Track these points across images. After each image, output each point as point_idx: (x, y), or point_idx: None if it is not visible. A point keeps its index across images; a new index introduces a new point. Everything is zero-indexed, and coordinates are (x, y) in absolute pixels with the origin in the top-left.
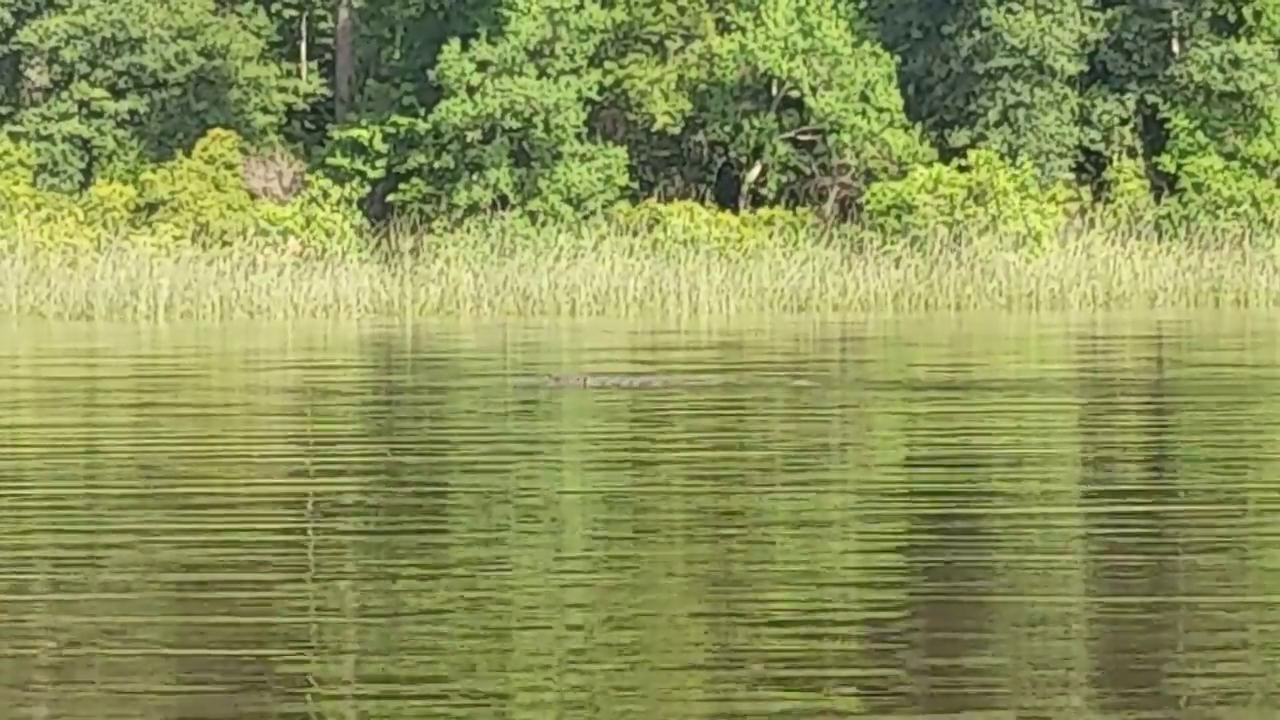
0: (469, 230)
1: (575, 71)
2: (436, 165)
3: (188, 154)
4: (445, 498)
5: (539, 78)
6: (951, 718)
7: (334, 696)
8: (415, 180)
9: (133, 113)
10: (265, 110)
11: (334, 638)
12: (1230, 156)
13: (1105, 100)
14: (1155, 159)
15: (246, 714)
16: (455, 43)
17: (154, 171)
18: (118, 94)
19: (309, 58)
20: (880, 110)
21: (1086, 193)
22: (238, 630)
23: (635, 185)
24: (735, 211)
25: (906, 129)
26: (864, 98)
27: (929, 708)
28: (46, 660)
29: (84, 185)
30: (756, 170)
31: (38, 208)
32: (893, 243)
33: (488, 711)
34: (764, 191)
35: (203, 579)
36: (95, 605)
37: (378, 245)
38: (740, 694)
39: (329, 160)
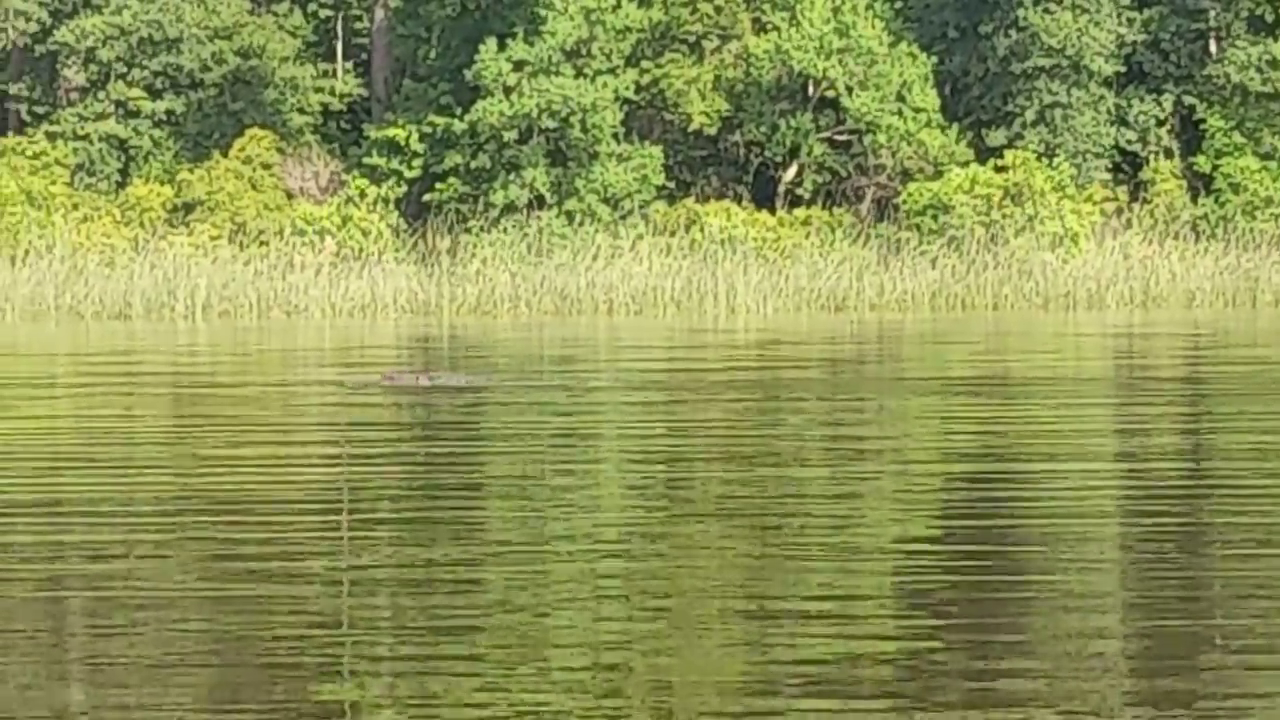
0: (505, 230)
1: (612, 71)
2: (473, 165)
3: (224, 154)
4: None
5: (576, 77)
6: (987, 692)
7: (370, 673)
8: (452, 180)
9: (169, 113)
10: (302, 110)
11: (369, 616)
12: (1267, 157)
13: (1142, 101)
14: (1191, 159)
15: (280, 701)
16: (492, 42)
17: (191, 171)
18: (154, 94)
19: (345, 57)
20: (917, 110)
21: (1123, 193)
22: (273, 608)
23: (672, 185)
24: (772, 211)
25: (943, 129)
26: (900, 98)
27: (965, 697)
28: (82, 644)
29: (121, 185)
30: (793, 170)
31: (75, 207)
32: (929, 243)
33: (524, 686)
34: (800, 191)
35: (238, 560)
36: (131, 586)
37: (414, 245)
38: (774, 681)
39: (365, 160)
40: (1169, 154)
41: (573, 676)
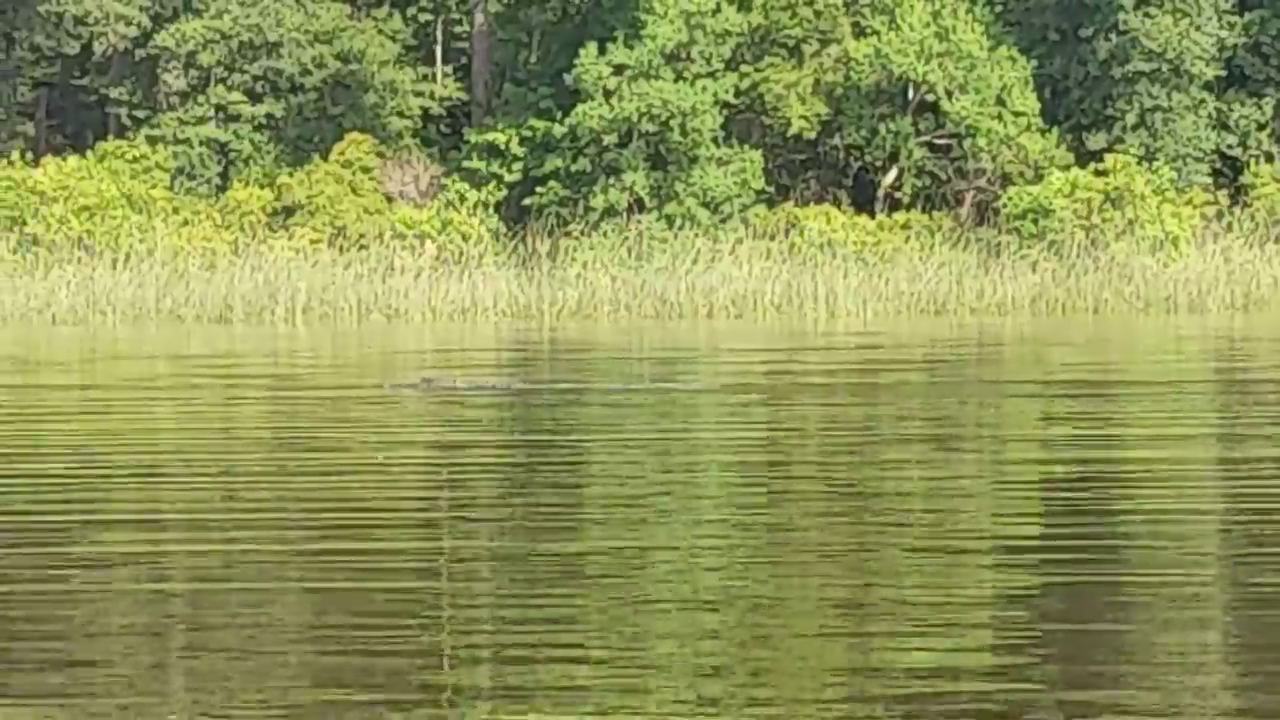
0: (605, 234)
1: (711, 75)
2: (573, 169)
3: (324, 158)
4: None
5: (675, 81)
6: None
7: (470, 660)
8: (552, 184)
9: (269, 116)
10: (401, 114)
11: (468, 610)
12: None
13: (1243, 104)
14: None
15: (380, 687)
16: (592, 46)
17: (291, 175)
18: (254, 98)
19: (445, 62)
20: (1016, 114)
21: (1224, 196)
22: (372, 597)
23: (771, 189)
24: (871, 215)
25: (1043, 133)
26: (1000, 101)
27: (1064, 686)
28: (182, 628)
29: (221, 189)
30: (893, 174)
31: (175, 211)
32: (1029, 246)
33: (620, 682)
34: (900, 195)
35: (338, 546)
36: (231, 573)
37: (514, 249)
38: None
39: (465, 164)
40: (1270, 158)
41: (671, 667)
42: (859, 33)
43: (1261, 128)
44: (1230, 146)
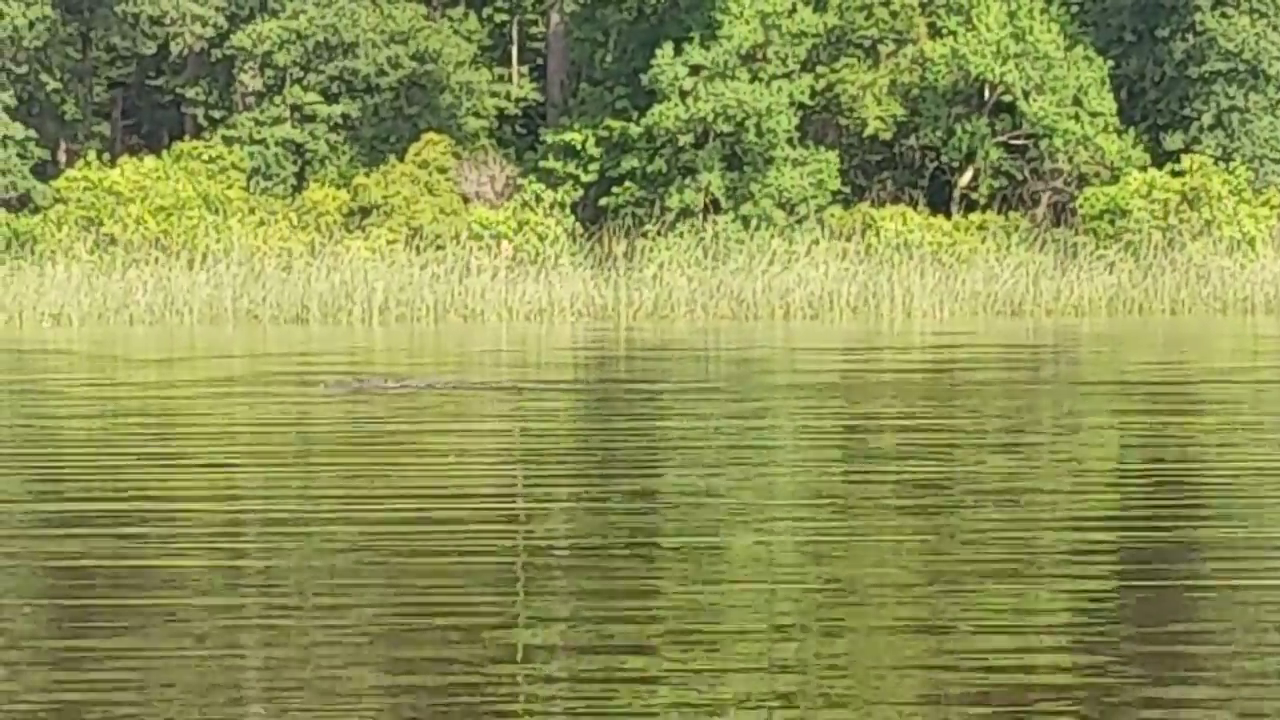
0: (681, 234)
1: (787, 76)
2: (649, 169)
3: (400, 158)
4: None
5: (751, 82)
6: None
7: (542, 663)
8: (628, 184)
9: (345, 117)
10: (477, 114)
11: (543, 611)
12: None
13: None
14: None
15: (456, 683)
16: (668, 47)
17: (366, 175)
18: (330, 98)
19: (520, 62)
20: (1093, 114)
21: None
22: (447, 595)
23: (847, 190)
24: (948, 216)
25: (1120, 133)
26: (1077, 102)
27: (1142, 679)
28: (258, 618)
29: (297, 189)
30: (969, 174)
31: (251, 211)
32: (1106, 247)
33: (699, 692)
34: (976, 196)
35: (413, 550)
36: (305, 582)
37: (590, 249)
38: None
39: (541, 164)
40: None
41: (747, 660)
42: (935, 33)
43: None
44: None
